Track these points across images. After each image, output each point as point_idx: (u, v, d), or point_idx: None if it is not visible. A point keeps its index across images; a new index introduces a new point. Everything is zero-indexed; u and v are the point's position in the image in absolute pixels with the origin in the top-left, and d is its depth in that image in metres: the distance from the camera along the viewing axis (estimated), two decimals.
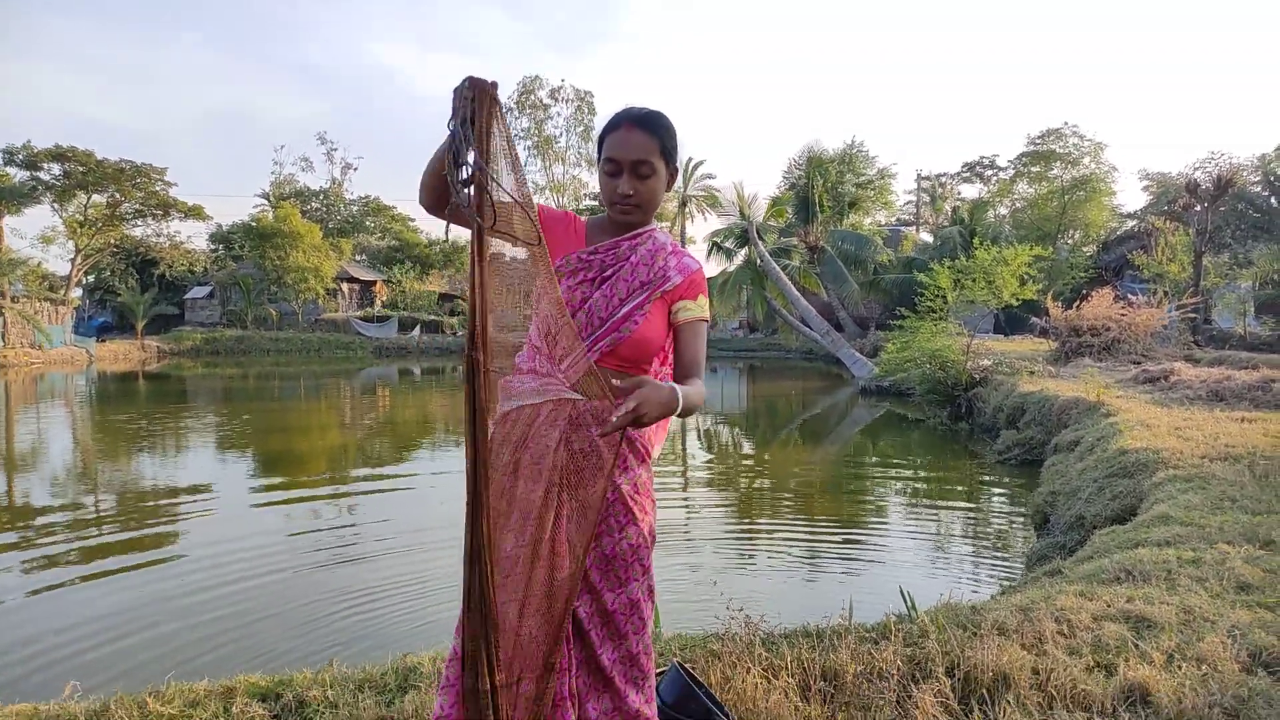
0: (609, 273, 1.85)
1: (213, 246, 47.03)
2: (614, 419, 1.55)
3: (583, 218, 1.99)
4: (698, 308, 1.92)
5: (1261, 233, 30.43)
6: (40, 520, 7.74)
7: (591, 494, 1.78)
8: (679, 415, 1.70)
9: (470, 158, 1.50)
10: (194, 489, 9.16)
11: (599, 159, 1.86)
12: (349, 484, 9.66)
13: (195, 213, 39.70)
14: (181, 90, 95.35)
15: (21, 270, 32.07)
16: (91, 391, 22.24)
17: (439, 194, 1.64)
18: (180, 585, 5.78)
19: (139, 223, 39.67)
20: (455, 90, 1.51)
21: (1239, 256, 27.68)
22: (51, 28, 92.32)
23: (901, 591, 3.32)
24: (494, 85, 1.52)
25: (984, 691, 2.58)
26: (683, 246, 1.99)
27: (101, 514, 8.13)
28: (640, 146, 1.79)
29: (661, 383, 1.62)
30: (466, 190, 1.52)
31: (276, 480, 10.09)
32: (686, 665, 2.51)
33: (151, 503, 8.51)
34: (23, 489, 9.41)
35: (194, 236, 65.60)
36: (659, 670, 2.57)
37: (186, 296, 43.34)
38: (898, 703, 2.50)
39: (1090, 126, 45.83)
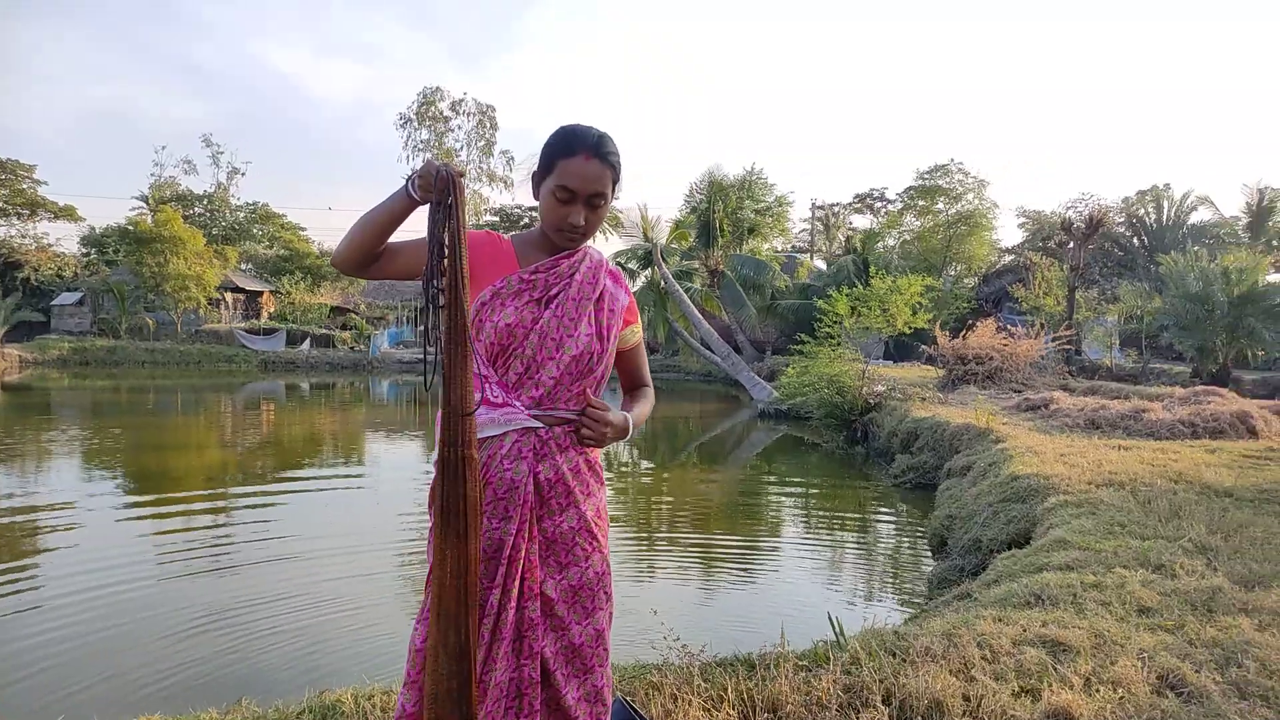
0: (555, 291, 1.80)
1: (84, 250, 44.23)
2: (584, 434, 1.67)
3: (505, 236, 1.91)
4: (638, 330, 2.00)
5: (1125, 270, 32.68)
6: None
7: (560, 525, 1.75)
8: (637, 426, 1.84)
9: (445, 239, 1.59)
10: (56, 511, 8.51)
11: (540, 176, 1.78)
12: (234, 509, 9.16)
13: (66, 214, 37.45)
14: (55, 87, 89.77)
15: None
16: None
17: (370, 254, 1.72)
18: (54, 619, 5.33)
19: (2, 222, 37.04)
20: (425, 173, 1.58)
21: (1106, 292, 29.58)
22: None
23: (830, 618, 3.35)
24: (460, 174, 1.60)
25: (919, 719, 2.61)
26: None
27: None
28: (597, 178, 1.74)
29: (620, 412, 1.71)
30: (435, 272, 1.59)
31: (149, 500, 9.48)
32: (629, 699, 2.45)
33: (15, 532, 7.86)
34: None
35: (64, 239, 61.81)
36: None
37: (54, 303, 40.52)
38: None
39: (974, 163, 48.24)
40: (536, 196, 1.81)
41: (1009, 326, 19.71)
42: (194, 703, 3.05)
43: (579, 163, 1.72)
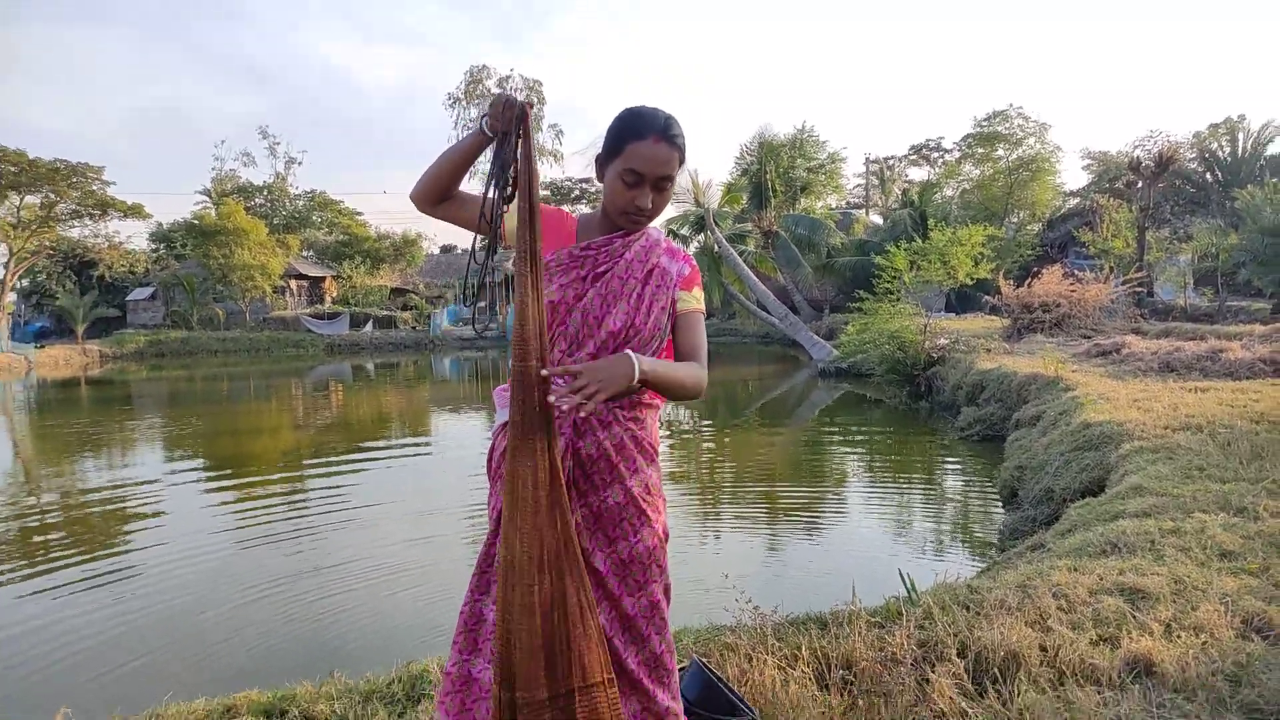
0: (602, 269, 1.81)
1: (154, 246, 45.65)
2: (558, 399, 1.51)
3: (573, 215, 1.96)
4: (693, 299, 1.89)
5: (1198, 207, 31.40)
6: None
7: (605, 500, 1.77)
8: (659, 389, 1.67)
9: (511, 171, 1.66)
10: (147, 499, 8.91)
11: (607, 158, 1.79)
12: (309, 486, 9.48)
13: (135, 211, 38.50)
14: (112, 89, 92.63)
15: None
16: (32, 399, 21.52)
17: (445, 190, 1.79)
18: (155, 602, 5.61)
19: (75, 223, 38.36)
20: (495, 104, 1.63)
21: (1178, 231, 28.49)
22: None
23: (901, 574, 3.34)
24: (529, 105, 1.64)
25: (996, 671, 2.60)
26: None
27: (71, 530, 7.86)
28: (666, 161, 1.75)
29: (615, 357, 1.58)
30: (501, 198, 1.67)
31: (235, 485, 9.85)
32: (704, 659, 2.50)
33: (106, 517, 8.26)
34: None
35: (134, 236, 63.92)
36: (679, 667, 2.55)
37: (128, 298, 42.04)
38: (916, 687, 2.52)
39: (1034, 108, 46.61)
40: (600, 179, 1.82)
41: (1076, 272, 19.13)
42: (285, 674, 3.19)
43: (648, 145, 1.72)
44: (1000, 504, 7.36)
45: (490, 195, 1.68)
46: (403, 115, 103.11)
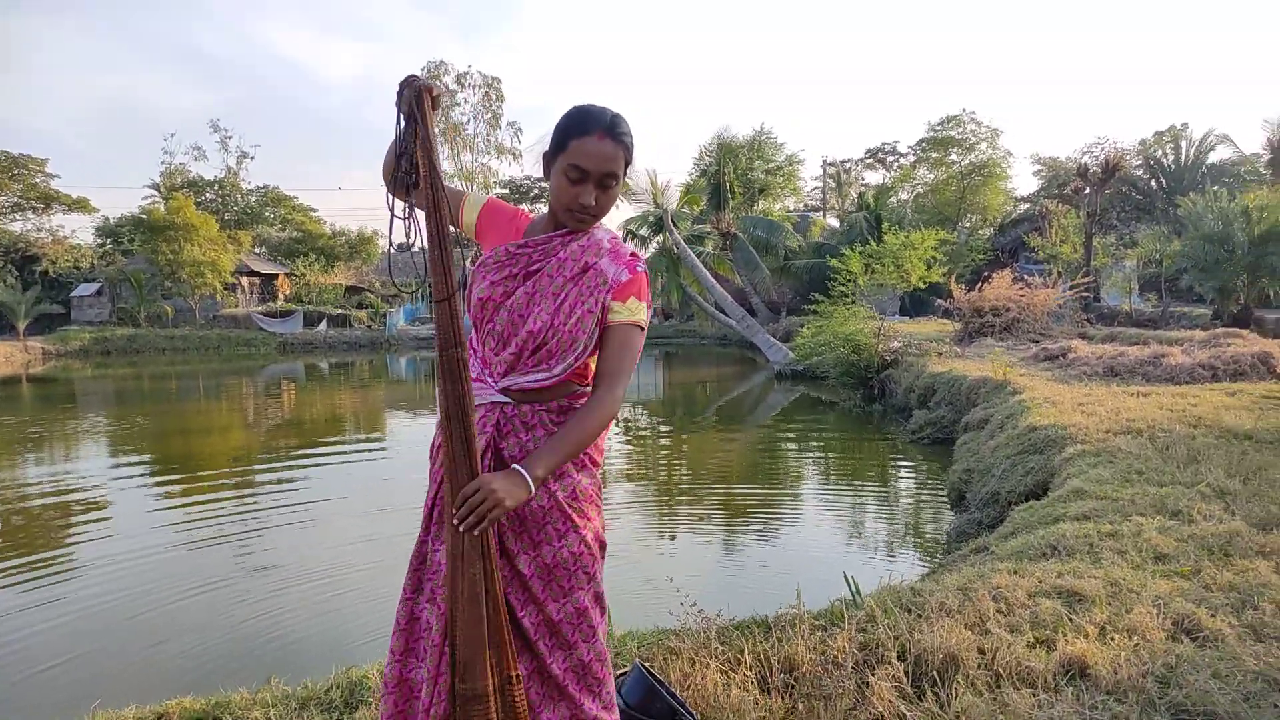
0: (535, 267, 1.79)
1: (100, 241, 44.43)
2: (457, 523, 1.53)
3: (529, 214, 1.94)
4: (625, 310, 1.77)
5: (1143, 214, 32.24)
6: None
7: (529, 503, 1.72)
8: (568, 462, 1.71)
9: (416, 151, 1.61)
10: (89, 498, 8.68)
11: (552, 155, 1.76)
12: (258, 485, 9.31)
13: (80, 205, 37.67)
14: (60, 79, 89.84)
15: None
16: None
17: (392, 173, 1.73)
18: (88, 604, 5.47)
19: (17, 216, 37.33)
20: (401, 85, 1.59)
21: (1124, 237, 29.21)
22: None
23: (846, 577, 3.38)
24: (430, 87, 1.61)
25: (935, 673, 2.64)
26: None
27: (7, 529, 7.63)
28: (611, 158, 1.72)
29: (506, 474, 1.56)
30: (410, 180, 1.63)
31: (177, 486, 9.64)
32: (647, 664, 2.49)
33: (45, 516, 8.03)
34: None
35: (79, 231, 62.08)
36: (621, 671, 2.54)
37: (73, 294, 40.84)
38: (856, 690, 2.54)
39: (987, 113, 47.57)
40: (547, 176, 1.79)
41: (1026, 276, 19.51)
42: (224, 679, 3.13)
43: (593, 142, 1.71)
44: (949, 506, 7.48)
45: (396, 181, 1.65)
46: (360, 112, 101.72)
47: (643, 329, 1.81)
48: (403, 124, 1.60)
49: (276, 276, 44.22)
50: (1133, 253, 25.82)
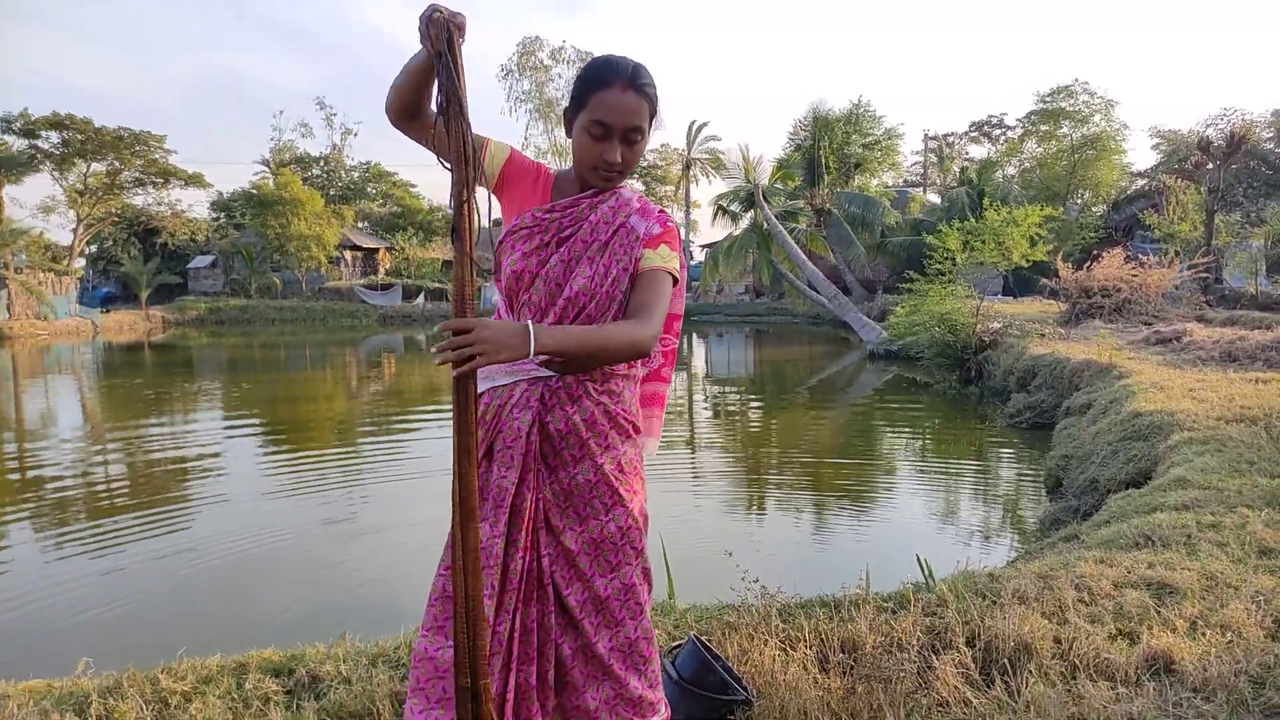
0: (566, 234, 1.72)
1: (214, 215, 46.81)
2: (437, 353, 1.39)
3: (551, 171, 1.84)
4: (657, 256, 1.73)
5: (1274, 190, 30.09)
6: (53, 494, 7.76)
7: (575, 477, 1.71)
8: (573, 361, 1.55)
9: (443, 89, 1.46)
10: (202, 461, 9.18)
11: (574, 112, 1.70)
12: (357, 455, 9.67)
13: (195, 180, 39.59)
14: (173, 57, 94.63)
15: (24, 240, 32.01)
16: (99, 362, 22.27)
17: (407, 107, 1.61)
18: (191, 559, 5.79)
19: (139, 191, 39.63)
20: (424, 18, 1.43)
21: (1251, 215, 27.39)
22: None
23: (918, 560, 3.28)
24: (461, 17, 1.46)
25: (1005, 661, 2.53)
26: (687, 209, 1.88)
27: (112, 487, 8.15)
28: (634, 111, 1.64)
29: (510, 324, 1.43)
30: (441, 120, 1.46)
31: (284, 451, 10.11)
32: (703, 638, 2.48)
33: (161, 475, 8.53)
34: (35, 462, 9.43)
35: (195, 205, 65.30)
36: (676, 643, 2.54)
37: (189, 266, 43.22)
38: (918, 674, 2.47)
39: (1101, 83, 45.09)
40: (569, 133, 1.72)
41: (1140, 256, 18.50)
42: (313, 634, 3.24)
43: (614, 95, 1.63)
44: (1044, 493, 7.19)
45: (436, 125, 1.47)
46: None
47: (675, 277, 1.76)
48: (433, 61, 1.44)
49: (377, 251, 45.67)
50: (1260, 231, 24.16)
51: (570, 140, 1.73)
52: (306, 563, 5.74)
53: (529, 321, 1.47)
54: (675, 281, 1.77)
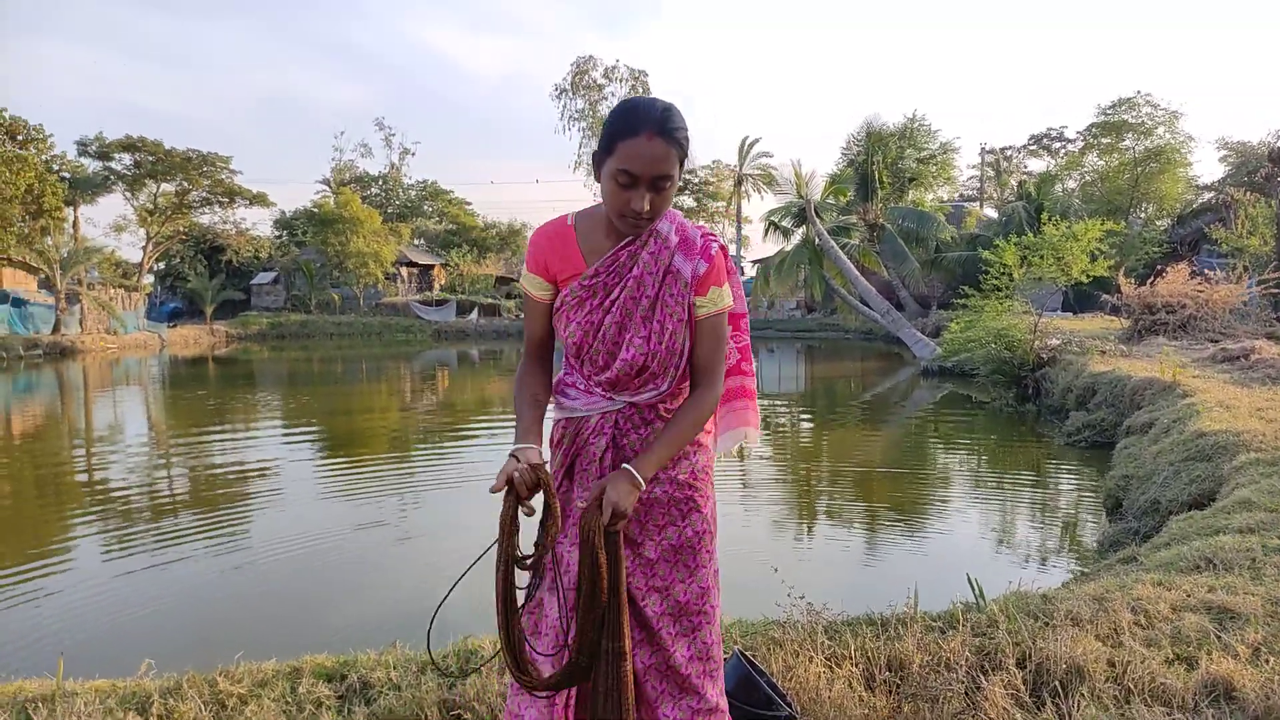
0: (614, 293, 1.74)
1: (276, 233, 48.14)
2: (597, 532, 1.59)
3: (570, 219, 1.82)
4: (710, 302, 1.76)
5: None
6: (119, 499, 8.03)
7: (653, 491, 1.77)
8: (660, 465, 1.70)
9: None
10: (262, 470, 9.41)
11: (602, 157, 1.66)
12: (412, 465, 9.83)
13: (259, 200, 40.73)
14: (231, 77, 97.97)
15: (97, 258, 33.29)
16: (165, 375, 23.00)
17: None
18: (249, 564, 5.94)
19: (206, 210, 40.95)
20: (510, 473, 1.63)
21: None
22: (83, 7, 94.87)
23: (969, 579, 3.23)
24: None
25: (1056, 684, 2.48)
26: (739, 224, 1.92)
27: (175, 493, 8.41)
28: (662, 159, 1.60)
29: (615, 480, 1.62)
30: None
31: (341, 461, 10.32)
32: (748, 653, 2.47)
33: (223, 483, 8.77)
34: (102, 469, 9.78)
35: (258, 223, 67.11)
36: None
37: (252, 282, 44.47)
38: (966, 694, 2.43)
39: (1165, 94, 43.99)
40: (598, 177, 1.69)
41: (1206, 271, 17.94)
42: (369, 640, 3.31)
43: (641, 143, 1.58)
44: (1103, 514, 7.00)
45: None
46: (508, 104, 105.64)
47: (729, 309, 1.80)
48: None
49: (433, 267, 46.45)
50: None
51: (599, 185, 1.71)
52: (359, 568, 5.86)
53: (628, 468, 1.64)
54: (729, 311, 1.81)
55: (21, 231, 27.48)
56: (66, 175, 34.76)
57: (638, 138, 1.58)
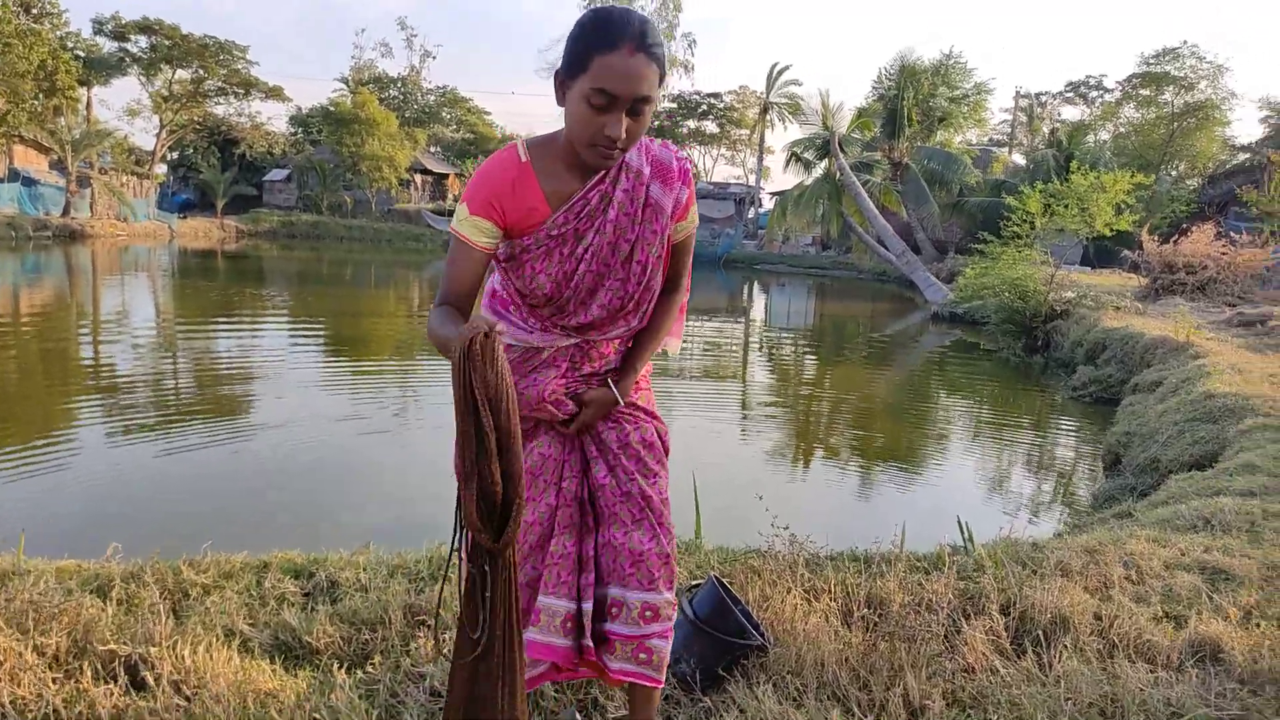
0: (588, 238, 1.56)
1: (291, 129, 47.35)
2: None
3: (523, 152, 1.55)
4: (689, 224, 1.70)
5: None
6: (119, 384, 8.03)
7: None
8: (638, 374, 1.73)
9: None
10: (262, 366, 9.38)
11: (568, 76, 1.42)
12: (410, 369, 9.80)
13: (275, 94, 39.97)
14: None
15: (109, 142, 32.82)
16: (173, 265, 22.92)
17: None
18: (238, 458, 5.93)
19: (221, 100, 40.21)
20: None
21: None
22: None
23: (959, 522, 3.15)
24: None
25: (1040, 633, 2.42)
26: (761, 154, 1.80)
27: (179, 383, 8.40)
28: (645, 78, 1.38)
29: (601, 394, 1.66)
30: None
31: (342, 360, 10.30)
32: (724, 580, 2.40)
33: (223, 378, 8.75)
34: (106, 357, 9.76)
35: (274, 118, 66.11)
36: (695, 583, 2.47)
37: (265, 178, 43.93)
38: (945, 637, 2.37)
39: (1212, 48, 42.43)
40: (560, 102, 1.47)
41: (1232, 234, 17.54)
42: (348, 540, 3.26)
43: (622, 59, 1.36)
44: (1101, 470, 6.93)
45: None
46: (532, 12, 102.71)
47: (696, 229, 1.76)
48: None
49: (447, 176, 45.84)
50: None
51: (563, 109, 1.48)
52: (350, 470, 5.84)
53: (611, 387, 1.68)
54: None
55: (34, 109, 27.01)
56: (81, 54, 34.04)
57: (617, 52, 1.37)
